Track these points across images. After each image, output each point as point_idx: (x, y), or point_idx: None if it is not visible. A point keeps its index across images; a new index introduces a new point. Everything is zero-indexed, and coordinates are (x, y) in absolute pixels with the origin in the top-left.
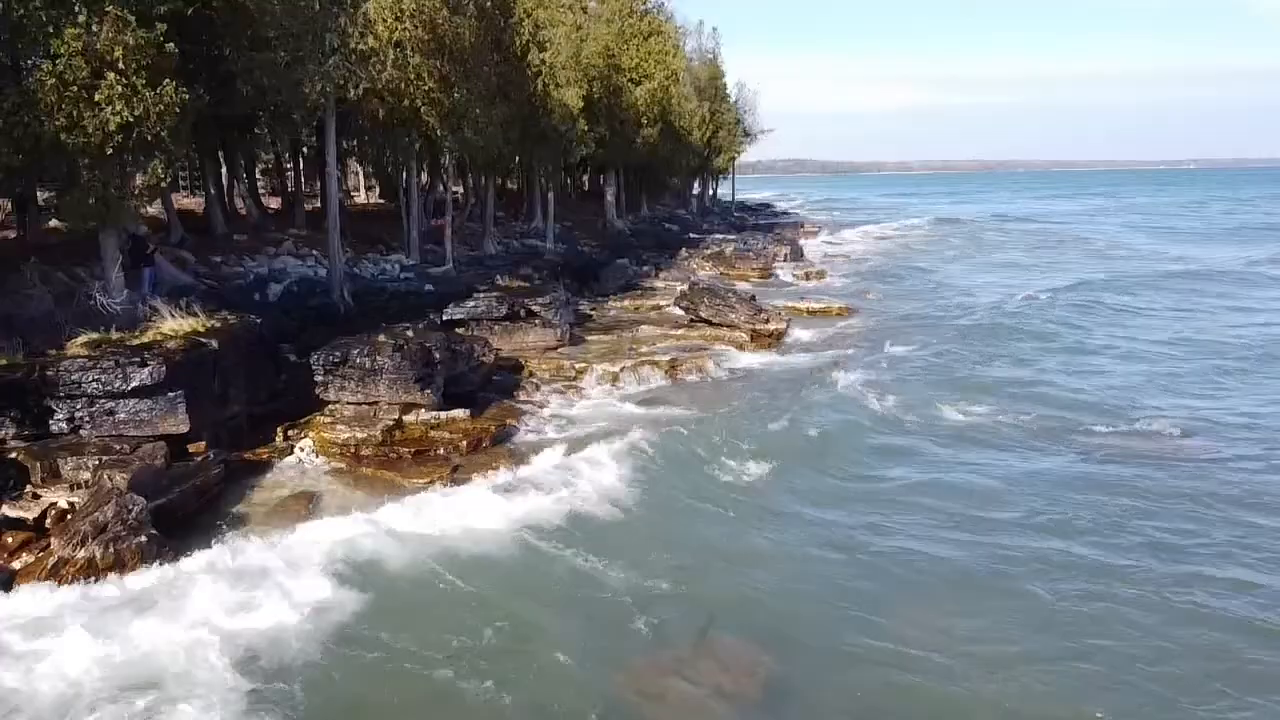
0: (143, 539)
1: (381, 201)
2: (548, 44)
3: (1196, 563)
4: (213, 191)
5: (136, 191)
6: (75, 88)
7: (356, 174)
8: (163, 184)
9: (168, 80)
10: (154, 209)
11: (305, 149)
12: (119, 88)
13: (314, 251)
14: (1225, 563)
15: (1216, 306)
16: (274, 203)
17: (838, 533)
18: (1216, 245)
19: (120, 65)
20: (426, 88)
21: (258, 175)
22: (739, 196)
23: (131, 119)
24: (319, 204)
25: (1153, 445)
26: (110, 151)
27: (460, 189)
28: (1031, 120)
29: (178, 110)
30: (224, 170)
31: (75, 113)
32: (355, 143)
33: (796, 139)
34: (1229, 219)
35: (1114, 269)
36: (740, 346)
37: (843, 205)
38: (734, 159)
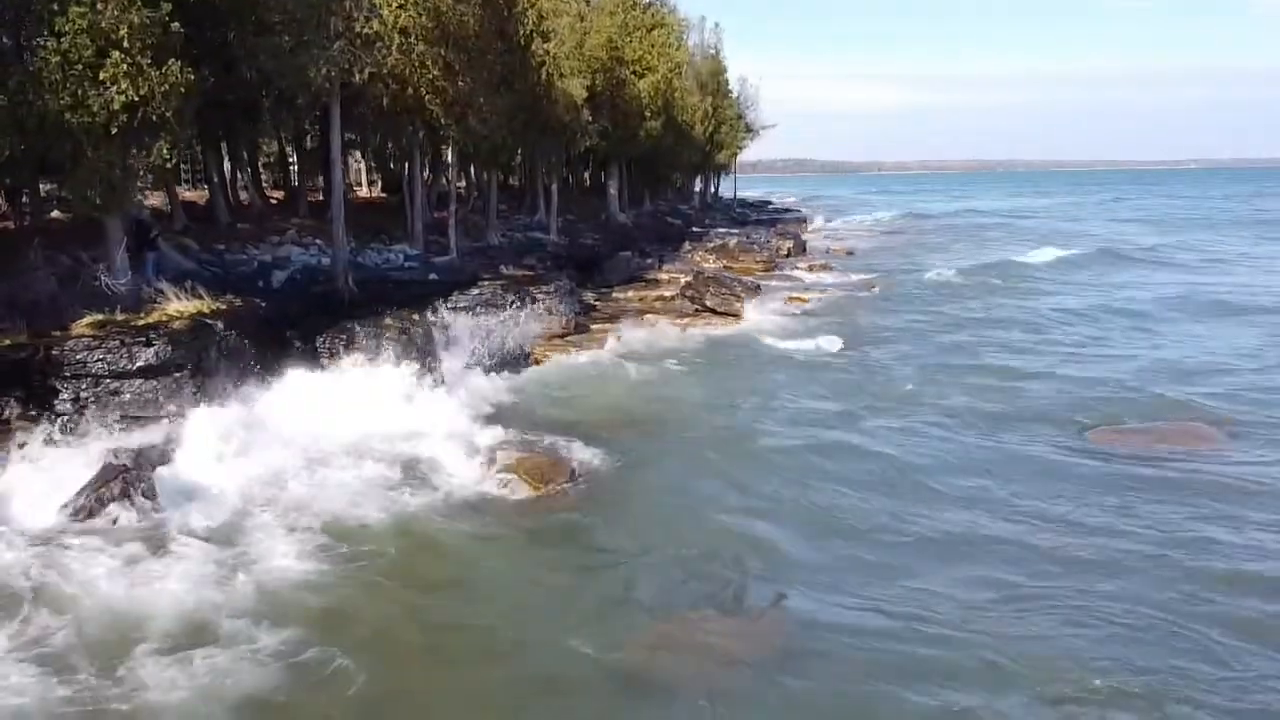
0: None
1: (384, 195)
2: (551, 34)
3: (1209, 548)
4: (215, 180)
5: (141, 173)
6: (80, 66)
7: (359, 168)
8: (167, 165)
9: (173, 60)
10: (157, 200)
11: (309, 137)
12: (124, 66)
13: (317, 240)
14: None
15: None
16: (277, 196)
17: (849, 501)
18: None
19: (125, 44)
20: (431, 76)
21: (260, 168)
22: (739, 194)
23: (136, 98)
24: (321, 198)
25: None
26: (115, 131)
27: (463, 183)
28: (1031, 120)
29: (182, 90)
30: (227, 161)
31: (80, 91)
32: (358, 134)
33: (796, 139)
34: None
35: (1105, 261)
36: None
37: (843, 203)
38: (736, 154)
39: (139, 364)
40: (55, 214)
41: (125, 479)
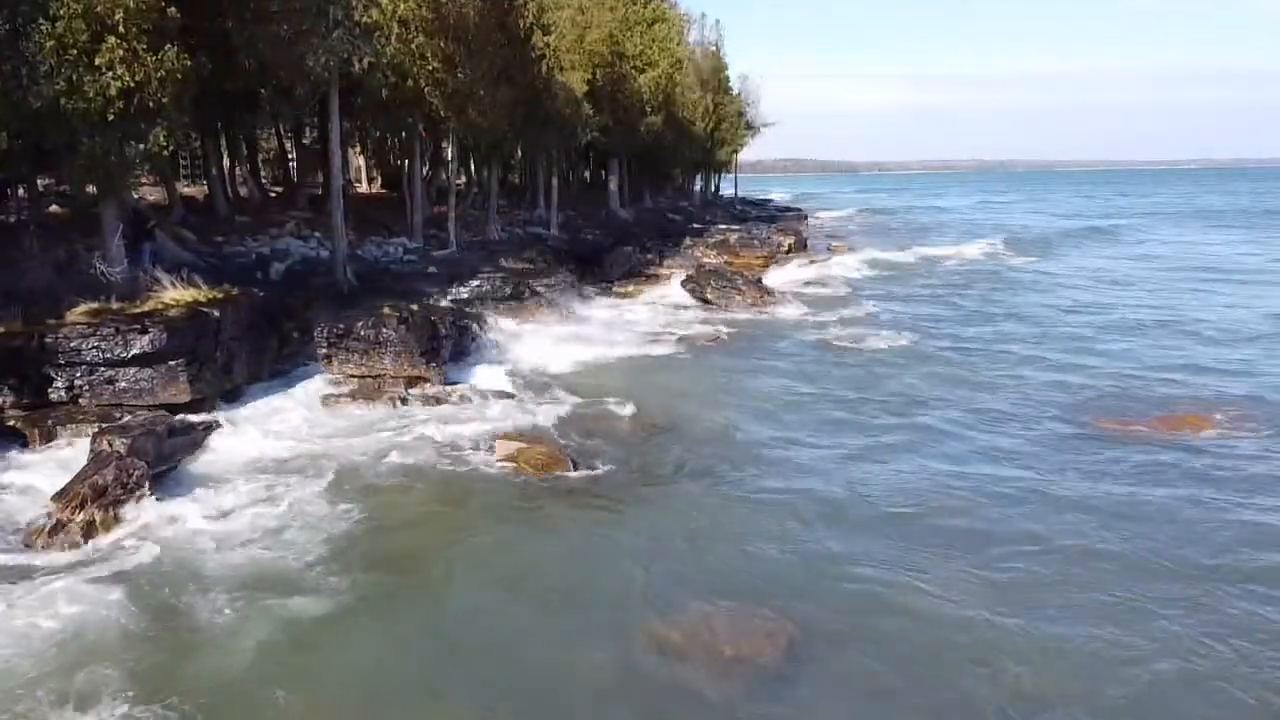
0: (143, 503)
1: (384, 191)
2: (552, 27)
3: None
4: (214, 173)
5: (137, 161)
6: (75, 51)
7: (359, 164)
8: (164, 152)
9: (169, 46)
10: (156, 195)
11: (308, 129)
12: (119, 52)
13: (316, 234)
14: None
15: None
16: (277, 190)
17: (855, 492)
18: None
19: (121, 29)
20: (430, 67)
21: (260, 164)
22: (740, 193)
23: (132, 84)
24: (320, 193)
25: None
26: (111, 117)
27: (463, 179)
28: (1032, 120)
29: (179, 77)
30: (225, 154)
31: (75, 76)
32: (358, 123)
33: (796, 138)
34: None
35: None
36: None
37: (842, 202)
38: (737, 152)
39: (134, 351)
40: (53, 209)
41: (119, 466)
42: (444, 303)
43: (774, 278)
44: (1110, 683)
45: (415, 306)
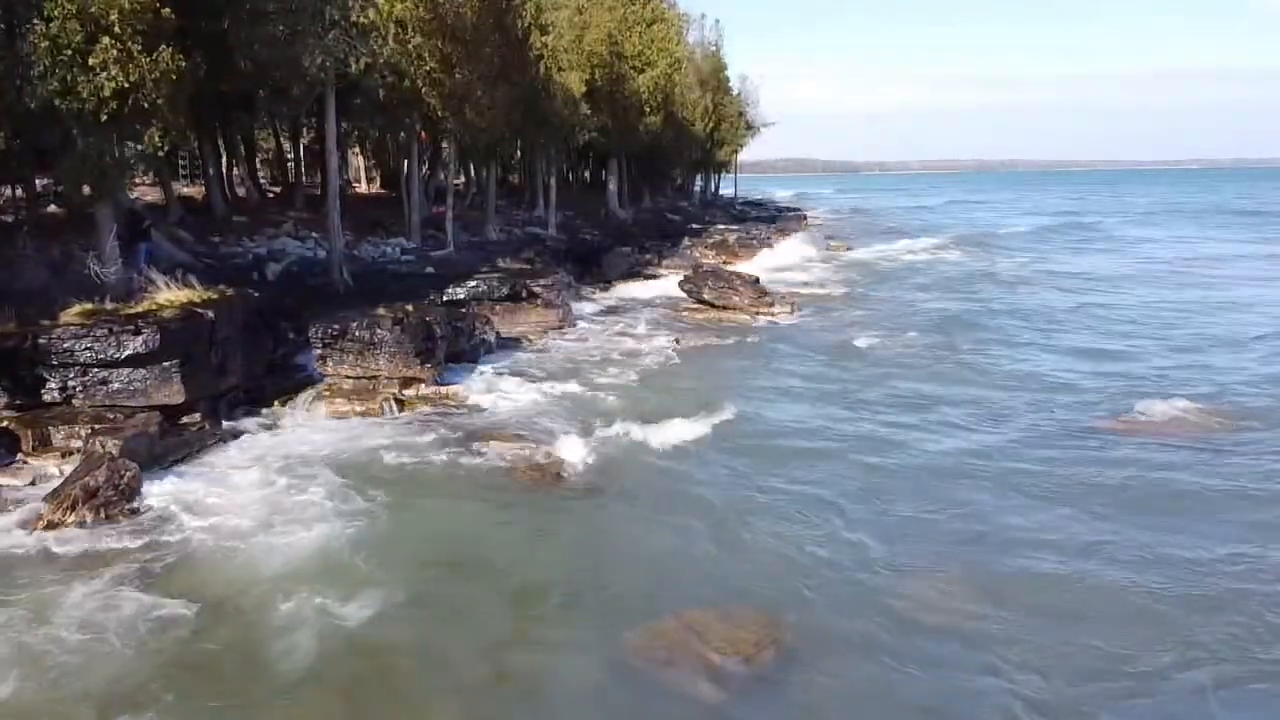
0: (134, 505)
1: (382, 191)
2: (550, 27)
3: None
4: (212, 173)
5: (132, 161)
6: (69, 51)
7: (358, 165)
8: (160, 153)
9: (164, 46)
10: (153, 195)
11: (306, 129)
12: (113, 52)
13: (313, 234)
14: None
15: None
16: (275, 191)
17: (854, 494)
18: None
19: (115, 29)
20: (428, 68)
21: (258, 166)
22: (740, 193)
23: (126, 85)
24: (318, 193)
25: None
26: (105, 118)
27: (462, 179)
28: (1033, 120)
29: (174, 77)
30: (223, 155)
31: (69, 77)
32: (356, 123)
33: (797, 139)
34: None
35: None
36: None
37: (842, 202)
38: (737, 152)
39: (127, 352)
40: (52, 208)
41: (111, 468)
42: (441, 303)
43: (772, 277)
44: (1109, 686)
45: (410, 307)
